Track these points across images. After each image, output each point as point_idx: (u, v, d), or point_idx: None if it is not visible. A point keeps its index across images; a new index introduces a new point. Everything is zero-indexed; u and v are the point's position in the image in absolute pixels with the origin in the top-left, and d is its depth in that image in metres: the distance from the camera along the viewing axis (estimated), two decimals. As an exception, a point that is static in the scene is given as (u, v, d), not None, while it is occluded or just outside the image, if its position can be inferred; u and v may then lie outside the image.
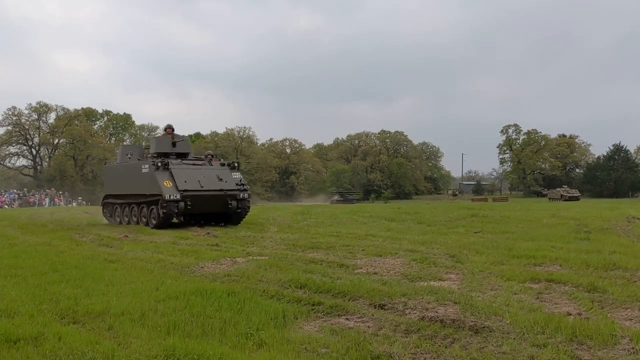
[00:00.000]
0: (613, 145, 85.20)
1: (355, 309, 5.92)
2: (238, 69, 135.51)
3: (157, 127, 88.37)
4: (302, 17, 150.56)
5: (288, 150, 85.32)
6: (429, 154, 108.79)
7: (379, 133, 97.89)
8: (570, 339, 4.75)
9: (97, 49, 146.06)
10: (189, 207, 16.66)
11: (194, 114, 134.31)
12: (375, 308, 6.00)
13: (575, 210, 25.83)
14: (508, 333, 4.91)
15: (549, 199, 63.44)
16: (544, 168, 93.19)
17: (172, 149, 18.46)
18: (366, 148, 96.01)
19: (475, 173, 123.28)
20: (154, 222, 17.01)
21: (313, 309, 5.96)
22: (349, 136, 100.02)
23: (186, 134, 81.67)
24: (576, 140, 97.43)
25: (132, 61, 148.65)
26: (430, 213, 23.34)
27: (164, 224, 16.61)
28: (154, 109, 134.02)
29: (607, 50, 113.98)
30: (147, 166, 17.11)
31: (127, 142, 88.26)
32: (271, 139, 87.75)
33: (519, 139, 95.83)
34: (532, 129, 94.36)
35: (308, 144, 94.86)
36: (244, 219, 18.64)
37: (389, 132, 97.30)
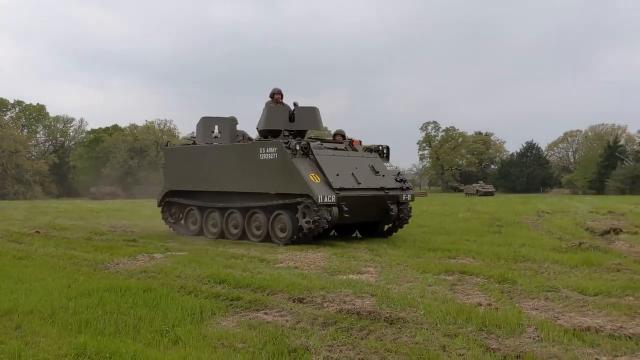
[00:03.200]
0: (526, 142, 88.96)
1: (274, 304, 5.93)
2: (162, 61, 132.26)
3: (72, 119, 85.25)
4: (228, 9, 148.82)
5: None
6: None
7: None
8: (480, 329, 4.93)
9: (10, 36, 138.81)
10: (345, 215, 10.70)
11: (114, 106, 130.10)
12: (294, 302, 6.03)
13: (489, 205, 26.86)
14: (421, 324, 5.05)
15: (466, 194, 65.53)
16: (461, 164, 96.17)
17: (288, 124, 12.14)
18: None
19: (397, 169, 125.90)
20: (282, 235, 11.17)
21: (231, 304, 5.92)
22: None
23: (103, 126, 79.39)
24: (491, 137, 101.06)
25: (48, 50, 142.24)
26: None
27: (303, 238, 10.89)
28: (71, 100, 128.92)
29: (524, 48, 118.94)
30: (273, 150, 10.99)
31: (41, 134, 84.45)
32: (193, 133, 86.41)
33: (437, 136, 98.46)
34: (450, 126, 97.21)
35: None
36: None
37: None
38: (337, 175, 10.79)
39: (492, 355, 4.25)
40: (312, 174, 10.57)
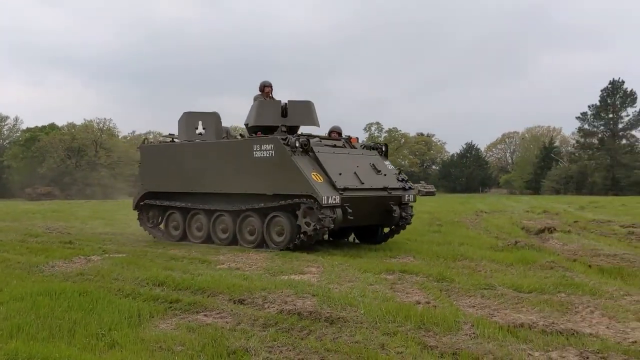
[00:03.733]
0: (466, 143, 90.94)
1: (215, 305, 5.86)
2: (101, 57, 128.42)
3: (7, 117, 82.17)
4: (171, 4, 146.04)
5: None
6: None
7: (242, 128, 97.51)
8: (419, 327, 5.01)
9: None
10: (349, 217, 9.78)
11: (50, 104, 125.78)
12: (235, 303, 5.98)
13: (430, 205, 27.37)
14: (361, 323, 5.09)
15: (408, 194, 66.23)
16: (403, 165, 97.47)
17: (280, 119, 11.12)
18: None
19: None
20: (279, 239, 10.26)
21: (170, 307, 5.82)
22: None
23: (39, 125, 76.71)
24: (433, 138, 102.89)
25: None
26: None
27: (303, 243, 9.98)
28: (5, 98, 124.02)
29: (464, 51, 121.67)
30: (269, 147, 10.09)
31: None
32: (134, 132, 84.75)
33: (380, 137, 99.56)
34: (393, 127, 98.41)
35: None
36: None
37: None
38: (340, 174, 9.95)
39: (429, 352, 4.32)
40: (314, 173, 9.70)
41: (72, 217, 19.95)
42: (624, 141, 58.42)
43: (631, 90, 57.51)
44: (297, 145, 9.89)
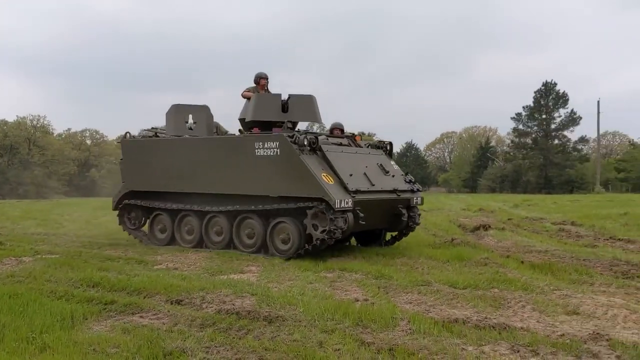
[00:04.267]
0: (406, 143, 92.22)
1: (151, 306, 5.77)
2: (34, 54, 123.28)
3: None
4: (110, 2, 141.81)
5: (88, 142, 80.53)
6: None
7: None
8: (357, 324, 5.06)
9: None
10: (361, 222, 8.96)
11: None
12: (172, 304, 5.90)
13: (371, 203, 27.54)
14: (300, 321, 5.10)
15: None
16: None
17: (281, 115, 10.17)
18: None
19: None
20: (284, 247, 9.29)
21: (105, 308, 5.69)
22: (153, 129, 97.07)
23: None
24: (374, 138, 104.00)
25: None
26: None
27: (312, 250, 9.03)
28: None
29: (406, 51, 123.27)
30: (274, 144, 9.15)
31: None
32: (69, 129, 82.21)
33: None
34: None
35: (111, 135, 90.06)
36: None
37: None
38: (351, 175, 9.13)
39: (366, 349, 4.37)
40: (324, 174, 8.82)
41: (3, 217, 19.17)
42: (556, 141, 60.39)
43: (563, 92, 59.55)
44: (305, 143, 8.98)
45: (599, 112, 53.79)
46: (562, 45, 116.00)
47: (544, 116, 60.70)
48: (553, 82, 60.08)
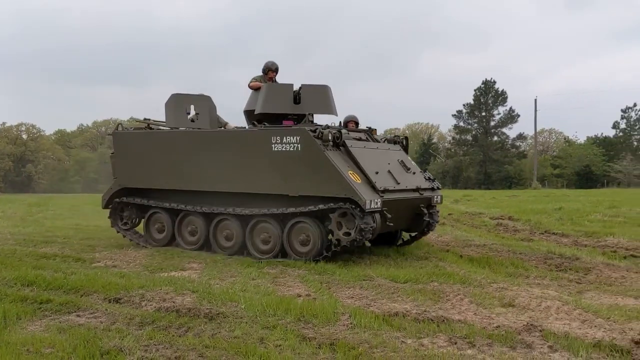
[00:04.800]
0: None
1: (89, 305, 5.63)
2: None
3: None
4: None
5: (24, 136, 77.86)
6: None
7: (128, 120, 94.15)
8: (298, 319, 5.07)
9: None
10: (389, 223, 8.30)
11: None
12: (110, 302, 5.77)
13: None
14: (241, 317, 5.08)
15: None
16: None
17: (293, 106, 9.42)
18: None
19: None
20: (303, 249, 8.42)
21: (40, 308, 5.52)
22: (95, 123, 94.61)
23: None
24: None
25: None
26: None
27: (334, 254, 8.28)
28: None
29: (351, 49, 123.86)
30: (294, 139, 8.32)
31: None
32: (4, 124, 79.26)
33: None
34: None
35: (48, 129, 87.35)
36: None
37: (139, 120, 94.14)
38: (377, 172, 8.46)
39: (307, 344, 4.39)
40: (351, 172, 8.11)
41: None
42: (495, 138, 62.05)
43: (502, 90, 61.28)
44: (329, 138, 8.22)
45: (536, 110, 55.58)
46: (504, 44, 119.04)
47: (483, 114, 62.26)
48: (492, 81, 61.69)
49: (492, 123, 62.09)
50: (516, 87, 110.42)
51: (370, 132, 9.82)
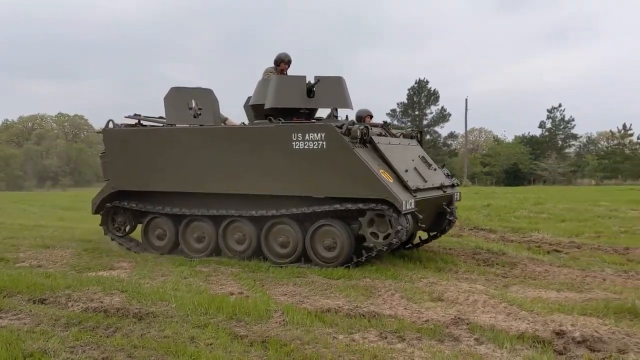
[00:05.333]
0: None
1: (12, 306, 5.42)
2: None
3: None
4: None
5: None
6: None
7: (56, 116, 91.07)
8: (231, 317, 5.04)
9: None
10: (420, 224, 7.81)
11: None
12: (35, 303, 5.57)
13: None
14: (172, 317, 5.00)
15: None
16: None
17: (306, 100, 8.61)
18: (41, 131, 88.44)
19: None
20: (328, 254, 7.72)
21: (-42, 311, 5.28)
22: (21, 118, 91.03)
23: None
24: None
25: None
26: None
27: (364, 260, 7.66)
28: None
29: (286, 48, 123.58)
30: (319, 136, 7.63)
31: None
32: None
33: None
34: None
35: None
36: None
37: (68, 116, 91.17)
38: (406, 171, 7.89)
39: (239, 342, 4.37)
40: (382, 171, 7.50)
41: None
42: (427, 137, 63.38)
43: (434, 90, 62.64)
44: (358, 134, 7.57)
45: (466, 110, 56.91)
46: (439, 43, 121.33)
47: (416, 112, 63.45)
48: (425, 80, 62.94)
49: (425, 122, 63.34)
50: (449, 86, 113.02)
51: (387, 126, 9.06)
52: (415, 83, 63.19)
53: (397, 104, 64.11)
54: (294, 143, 7.71)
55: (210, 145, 8.35)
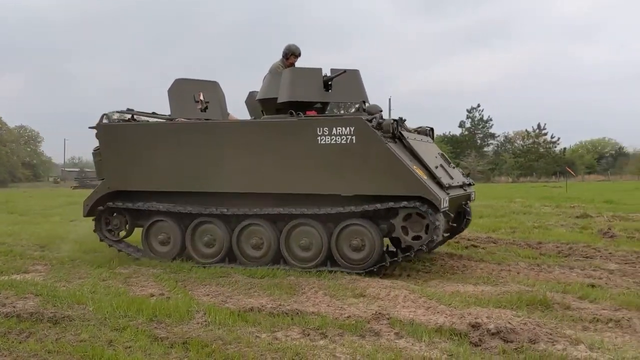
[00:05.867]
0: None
1: None
2: None
3: None
4: None
5: None
6: (27, 138, 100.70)
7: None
8: (151, 319, 4.95)
9: None
10: (451, 224, 7.99)
11: None
12: (-60, 310, 5.28)
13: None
14: (89, 320, 4.86)
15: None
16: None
17: (323, 94, 8.10)
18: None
19: (79, 160, 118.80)
20: (356, 256, 7.24)
21: None
22: None
23: None
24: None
25: None
26: (25, 202, 21.88)
27: (396, 263, 7.33)
28: None
29: (208, 48, 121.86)
30: (347, 130, 7.10)
31: None
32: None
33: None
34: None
35: None
36: None
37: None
38: (436, 167, 7.52)
39: (159, 344, 4.29)
40: (416, 167, 7.05)
41: None
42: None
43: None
44: (390, 128, 7.11)
45: (390, 110, 57.88)
46: (364, 44, 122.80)
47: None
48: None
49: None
50: (374, 86, 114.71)
51: (402, 122, 8.21)
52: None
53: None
54: (319, 138, 7.23)
55: (226, 142, 7.69)
